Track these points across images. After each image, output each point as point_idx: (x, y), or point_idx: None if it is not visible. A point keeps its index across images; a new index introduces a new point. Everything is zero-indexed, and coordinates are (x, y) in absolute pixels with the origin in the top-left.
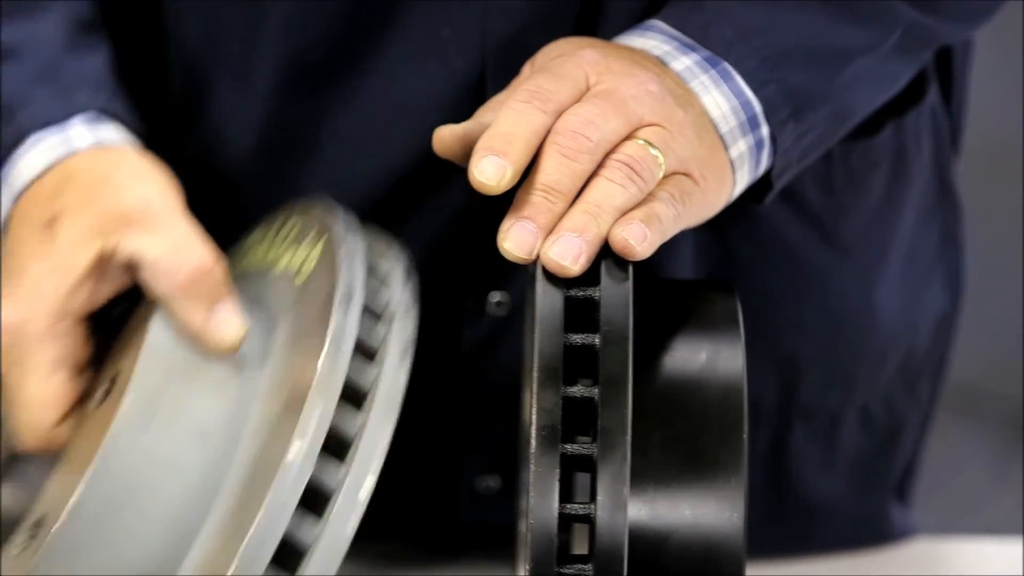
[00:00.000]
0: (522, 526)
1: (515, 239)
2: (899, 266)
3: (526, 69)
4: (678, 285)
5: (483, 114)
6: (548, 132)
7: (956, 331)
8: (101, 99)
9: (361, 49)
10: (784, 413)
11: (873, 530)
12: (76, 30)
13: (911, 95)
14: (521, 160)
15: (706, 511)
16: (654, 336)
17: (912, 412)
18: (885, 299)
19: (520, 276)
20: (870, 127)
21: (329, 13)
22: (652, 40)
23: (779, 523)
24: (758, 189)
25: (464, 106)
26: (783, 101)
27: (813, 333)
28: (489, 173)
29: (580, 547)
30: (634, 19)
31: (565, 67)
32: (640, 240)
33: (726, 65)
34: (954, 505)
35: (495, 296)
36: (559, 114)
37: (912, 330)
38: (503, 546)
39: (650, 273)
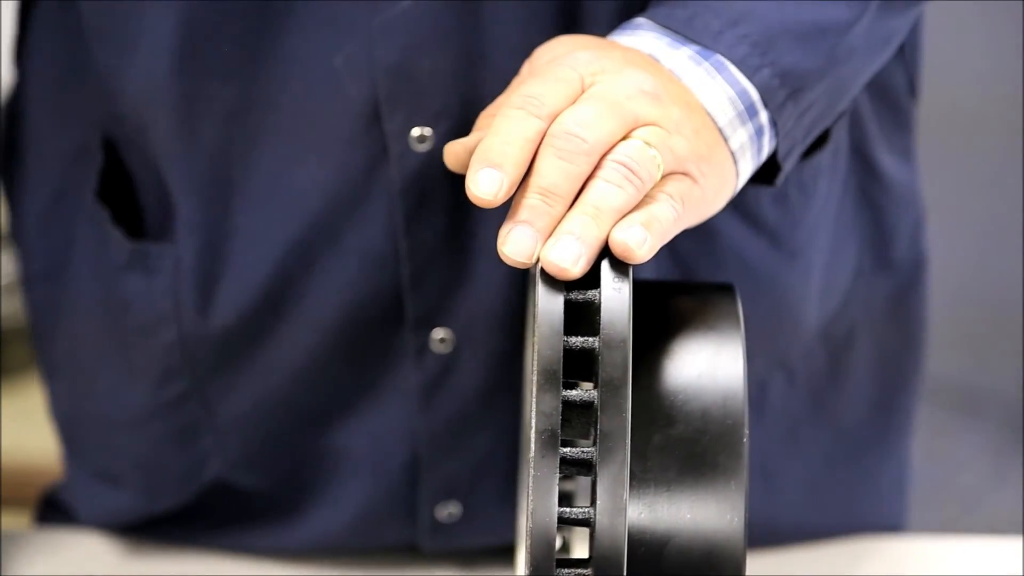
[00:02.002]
0: (523, 528)
1: (514, 244)
2: (828, 246)
3: (525, 69)
4: (679, 287)
5: (484, 121)
6: (543, 137)
7: (884, 286)
8: None
9: (263, 82)
10: None
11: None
12: None
13: None
14: (516, 171)
15: (706, 514)
16: (655, 338)
17: (832, 362)
18: (816, 281)
19: (463, 311)
20: (822, 139)
21: (226, 54)
22: (643, 38)
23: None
24: (765, 173)
25: (362, 135)
26: (779, 84)
27: (760, 330)
28: (485, 188)
29: (581, 548)
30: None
31: (558, 70)
32: (640, 243)
33: (719, 57)
34: (954, 505)
35: (438, 333)
36: (553, 118)
37: (830, 291)
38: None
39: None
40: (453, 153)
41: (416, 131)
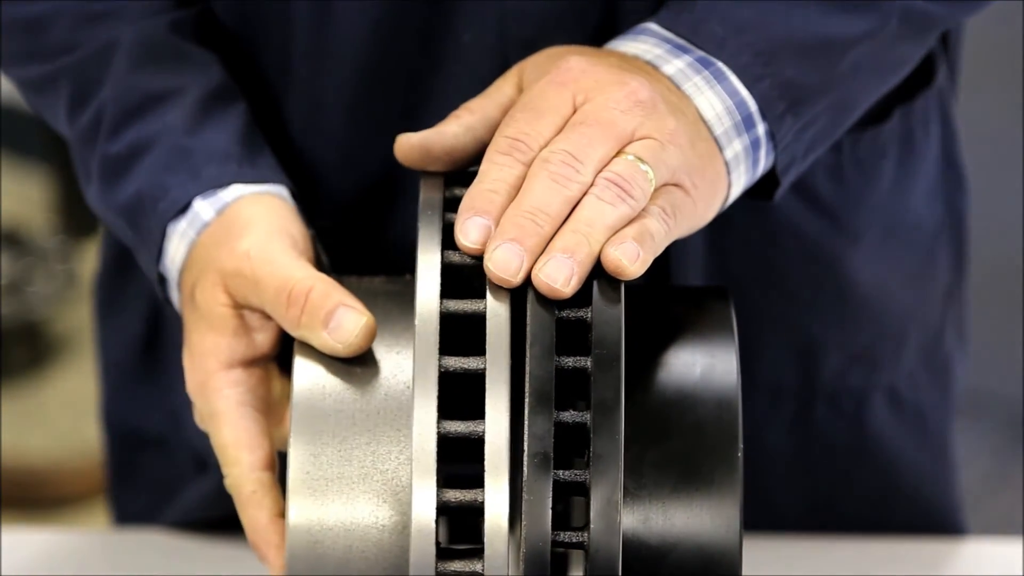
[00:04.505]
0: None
1: (500, 259)
2: (906, 243)
3: (528, 71)
4: (672, 292)
5: (447, 123)
6: None
7: (966, 307)
8: (230, 171)
9: (394, 69)
10: (805, 393)
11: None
12: (204, 106)
13: (920, 79)
14: None
15: (702, 529)
16: (648, 350)
17: (936, 392)
18: (896, 277)
19: None
20: (878, 114)
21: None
22: (644, 44)
23: (803, 494)
24: (766, 186)
25: None
26: (778, 95)
27: (829, 317)
28: (474, 236)
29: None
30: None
31: (548, 94)
32: (632, 259)
33: (719, 65)
34: None
35: None
36: None
37: (924, 305)
38: None
39: (647, 278)
40: (400, 145)
41: None
